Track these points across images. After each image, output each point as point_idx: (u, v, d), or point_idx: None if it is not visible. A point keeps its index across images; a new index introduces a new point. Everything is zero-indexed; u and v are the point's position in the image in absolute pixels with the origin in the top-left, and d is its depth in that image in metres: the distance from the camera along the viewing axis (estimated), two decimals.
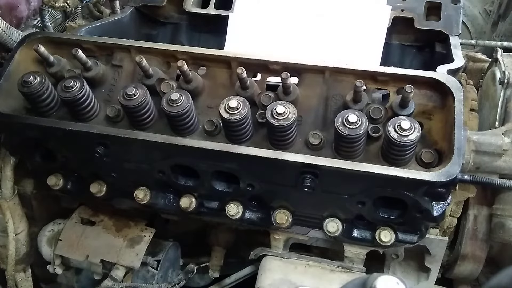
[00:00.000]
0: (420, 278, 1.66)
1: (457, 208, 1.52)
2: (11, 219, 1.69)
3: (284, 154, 1.20)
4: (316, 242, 1.57)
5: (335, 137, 1.19)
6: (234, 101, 1.19)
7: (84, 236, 1.69)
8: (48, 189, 1.52)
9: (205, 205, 1.46)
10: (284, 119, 1.16)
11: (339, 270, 1.47)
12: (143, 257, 1.61)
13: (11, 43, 1.65)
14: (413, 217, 1.27)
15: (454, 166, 1.11)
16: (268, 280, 1.44)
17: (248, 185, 1.32)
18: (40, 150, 1.47)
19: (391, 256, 1.61)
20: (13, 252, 1.71)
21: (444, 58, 1.56)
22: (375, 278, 0.70)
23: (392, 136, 1.11)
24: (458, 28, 1.66)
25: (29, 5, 1.95)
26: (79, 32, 1.67)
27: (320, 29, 1.69)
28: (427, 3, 1.72)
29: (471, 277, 1.65)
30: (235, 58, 1.34)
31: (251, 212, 1.44)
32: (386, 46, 1.65)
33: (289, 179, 1.24)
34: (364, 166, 1.15)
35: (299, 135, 1.25)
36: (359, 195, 1.26)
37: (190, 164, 1.32)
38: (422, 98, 1.24)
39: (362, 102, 1.22)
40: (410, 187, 1.16)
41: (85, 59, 1.35)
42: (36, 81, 1.31)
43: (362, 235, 1.40)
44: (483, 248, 1.57)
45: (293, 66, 1.31)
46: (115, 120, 1.34)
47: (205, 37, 1.92)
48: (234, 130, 1.23)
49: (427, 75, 1.24)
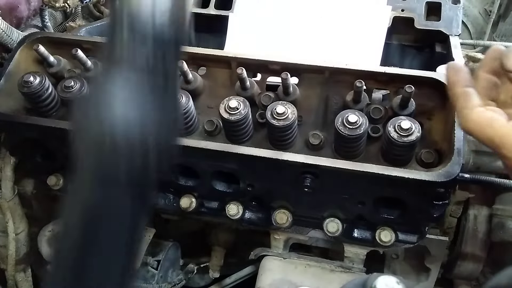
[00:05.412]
0: (420, 278, 1.66)
1: (457, 208, 1.52)
2: (11, 219, 1.68)
3: (284, 154, 1.20)
4: (316, 242, 1.57)
5: (335, 137, 1.19)
6: (234, 101, 1.19)
7: None
8: (48, 189, 1.52)
9: (205, 205, 1.46)
10: (284, 119, 1.16)
11: (339, 270, 1.47)
12: (143, 257, 1.61)
13: (11, 43, 1.64)
14: (413, 217, 1.27)
15: (454, 166, 1.11)
16: (268, 280, 1.44)
17: (248, 185, 1.32)
18: (40, 150, 1.47)
19: (391, 256, 1.61)
20: (13, 252, 1.71)
21: (444, 58, 1.56)
22: (375, 278, 0.70)
23: (392, 136, 1.11)
24: (458, 28, 1.66)
25: (29, 5, 1.95)
26: (79, 32, 1.67)
27: (320, 29, 1.69)
28: (427, 3, 1.72)
29: (471, 277, 1.65)
30: (235, 58, 1.34)
31: (251, 212, 1.44)
32: (386, 46, 1.64)
33: (289, 179, 1.24)
34: (364, 166, 1.15)
35: (299, 135, 1.25)
36: (359, 195, 1.26)
37: (190, 164, 1.32)
38: (422, 98, 1.24)
39: (362, 102, 1.22)
40: (410, 187, 1.16)
41: (85, 59, 1.35)
42: (36, 81, 1.31)
43: (362, 235, 1.40)
44: (483, 248, 1.57)
45: (293, 66, 1.31)
46: None
47: (205, 37, 1.91)
48: (234, 130, 1.23)
49: (427, 75, 1.24)
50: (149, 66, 0.61)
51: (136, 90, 0.61)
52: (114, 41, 0.61)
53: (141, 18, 0.60)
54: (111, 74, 0.61)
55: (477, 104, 0.82)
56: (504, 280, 0.69)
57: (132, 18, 0.60)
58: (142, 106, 0.61)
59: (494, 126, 0.78)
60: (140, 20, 0.60)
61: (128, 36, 0.60)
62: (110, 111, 0.60)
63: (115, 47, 0.61)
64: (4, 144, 1.61)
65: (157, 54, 0.62)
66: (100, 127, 0.60)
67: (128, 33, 0.60)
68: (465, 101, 0.83)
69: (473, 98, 0.83)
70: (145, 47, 0.60)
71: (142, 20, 0.60)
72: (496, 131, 0.77)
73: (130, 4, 0.60)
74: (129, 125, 0.59)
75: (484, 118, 0.79)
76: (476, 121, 0.80)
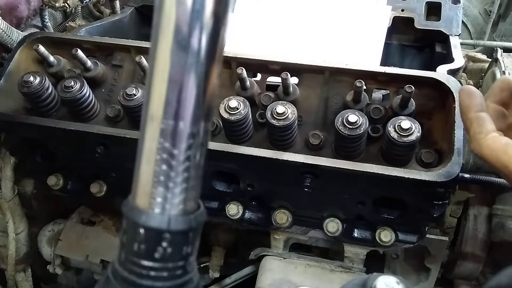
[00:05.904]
0: (420, 278, 1.66)
1: (457, 208, 1.52)
2: (11, 219, 1.69)
3: (284, 154, 1.20)
4: (316, 242, 1.57)
5: (335, 137, 1.19)
6: (234, 101, 1.19)
7: (84, 236, 1.69)
8: (48, 189, 1.52)
9: (205, 205, 1.45)
10: (284, 119, 1.16)
11: (339, 270, 1.47)
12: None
13: (11, 43, 1.65)
14: (413, 217, 1.27)
15: (454, 166, 1.11)
16: (268, 280, 1.44)
17: (248, 185, 1.32)
18: (40, 150, 1.47)
19: (391, 256, 1.61)
20: (13, 252, 1.71)
21: (444, 58, 1.56)
22: (375, 278, 0.70)
23: (392, 136, 1.11)
24: (458, 28, 1.66)
25: (29, 5, 1.95)
26: (79, 32, 1.67)
27: (320, 29, 1.69)
28: (427, 3, 1.72)
29: (471, 277, 1.65)
30: (235, 58, 1.34)
31: (251, 212, 1.44)
32: (386, 46, 1.64)
33: (289, 179, 1.24)
34: (364, 166, 1.15)
35: (299, 135, 1.25)
36: (359, 195, 1.26)
37: None
38: (422, 98, 1.24)
39: (362, 102, 1.22)
40: (410, 187, 1.16)
41: (85, 59, 1.35)
42: (36, 81, 1.31)
43: (362, 235, 1.40)
44: (483, 248, 1.57)
45: (293, 66, 1.31)
46: (115, 120, 1.34)
47: None
48: (234, 130, 1.23)
49: (427, 75, 1.24)
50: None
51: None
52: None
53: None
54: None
55: (491, 129, 0.81)
56: (504, 280, 0.69)
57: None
58: None
59: (509, 153, 0.77)
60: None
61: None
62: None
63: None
64: (4, 144, 1.62)
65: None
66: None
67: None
68: (478, 127, 0.82)
69: (487, 124, 0.82)
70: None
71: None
72: (510, 157, 0.77)
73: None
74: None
75: (499, 145, 0.79)
76: (491, 146, 0.80)
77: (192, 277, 0.57)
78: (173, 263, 0.54)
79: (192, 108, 0.52)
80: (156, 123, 0.52)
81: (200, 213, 0.58)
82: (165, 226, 0.53)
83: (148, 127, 0.53)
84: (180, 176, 0.54)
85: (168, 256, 0.53)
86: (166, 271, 0.54)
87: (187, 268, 0.56)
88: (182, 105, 0.52)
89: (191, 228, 0.55)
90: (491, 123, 0.83)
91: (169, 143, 0.52)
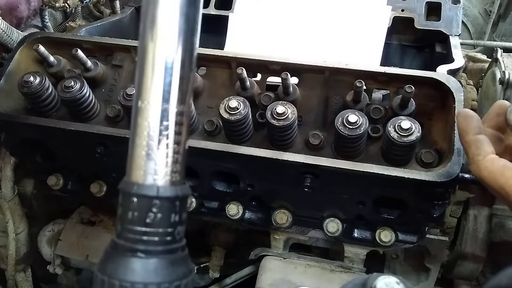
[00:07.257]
0: (420, 278, 1.66)
1: (457, 208, 1.52)
2: (11, 219, 1.69)
3: (284, 154, 1.20)
4: (316, 242, 1.57)
5: (335, 137, 1.19)
6: (234, 101, 1.19)
7: (84, 236, 1.69)
8: (48, 189, 1.52)
9: (205, 205, 1.46)
10: (284, 119, 1.16)
11: (339, 270, 1.48)
12: None
13: (11, 43, 1.65)
14: (413, 217, 1.27)
15: (454, 166, 1.11)
16: (268, 280, 1.44)
17: (248, 185, 1.32)
18: (40, 150, 1.47)
19: (391, 256, 1.61)
20: (13, 252, 1.71)
21: (444, 58, 1.56)
22: (375, 278, 0.70)
23: (392, 136, 1.11)
24: (458, 28, 1.66)
25: (29, 5, 1.95)
26: (79, 32, 1.67)
27: (320, 29, 1.69)
28: (427, 3, 1.72)
29: (471, 277, 1.65)
30: (235, 58, 1.34)
31: (251, 212, 1.44)
32: (386, 46, 1.65)
33: (289, 179, 1.24)
34: (364, 166, 1.15)
35: (299, 135, 1.25)
36: (359, 195, 1.26)
37: (190, 164, 1.32)
38: (422, 98, 1.24)
39: (362, 102, 1.22)
40: (410, 187, 1.16)
41: (85, 59, 1.36)
42: (36, 81, 1.31)
43: (362, 235, 1.40)
44: (483, 248, 1.57)
45: (293, 66, 1.31)
46: (115, 120, 1.34)
47: (205, 37, 1.91)
48: (234, 130, 1.23)
49: (427, 75, 1.24)
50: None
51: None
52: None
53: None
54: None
55: (489, 151, 0.83)
56: (504, 280, 0.69)
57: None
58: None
59: (506, 175, 0.78)
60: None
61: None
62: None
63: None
64: (4, 144, 1.61)
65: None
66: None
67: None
68: (477, 149, 0.83)
69: (485, 146, 0.83)
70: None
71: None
72: (508, 179, 0.78)
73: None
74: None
75: (497, 167, 0.80)
76: (489, 168, 0.81)
77: (180, 246, 0.65)
78: (163, 228, 0.61)
79: (176, 91, 0.63)
80: (144, 104, 0.62)
81: (185, 186, 0.65)
82: (154, 193, 0.61)
83: (138, 108, 0.62)
84: (166, 150, 0.62)
85: (158, 221, 0.61)
86: (157, 235, 0.61)
87: (175, 237, 0.63)
88: (167, 88, 0.62)
89: (177, 197, 0.63)
90: (489, 145, 0.84)
91: (157, 121, 0.62)
